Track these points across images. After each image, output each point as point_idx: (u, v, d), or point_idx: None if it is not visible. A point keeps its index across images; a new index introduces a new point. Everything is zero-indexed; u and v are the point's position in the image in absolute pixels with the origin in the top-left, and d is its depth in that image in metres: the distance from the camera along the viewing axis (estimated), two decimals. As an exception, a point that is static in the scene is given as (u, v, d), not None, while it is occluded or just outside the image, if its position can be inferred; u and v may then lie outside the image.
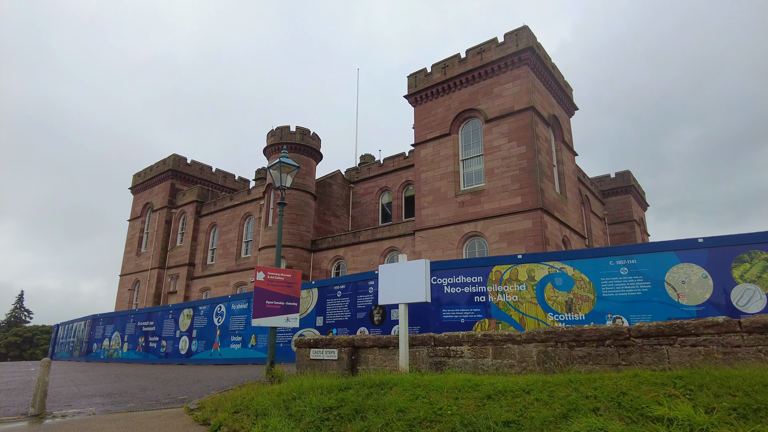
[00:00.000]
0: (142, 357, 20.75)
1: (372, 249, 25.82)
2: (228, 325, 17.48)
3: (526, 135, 21.16)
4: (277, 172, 9.20)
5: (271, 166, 9.24)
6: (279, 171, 9.00)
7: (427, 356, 7.28)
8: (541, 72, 23.14)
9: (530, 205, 20.16)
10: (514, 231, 20.19)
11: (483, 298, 11.90)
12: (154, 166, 39.94)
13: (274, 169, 9.29)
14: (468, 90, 23.69)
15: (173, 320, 19.94)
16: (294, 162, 9.18)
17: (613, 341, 5.95)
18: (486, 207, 21.29)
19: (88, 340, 24.87)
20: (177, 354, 19.13)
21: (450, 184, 22.87)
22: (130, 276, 39.08)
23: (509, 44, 22.74)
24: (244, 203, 32.48)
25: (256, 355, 16.13)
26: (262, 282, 8.25)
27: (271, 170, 9.26)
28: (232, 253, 31.97)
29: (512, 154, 21.26)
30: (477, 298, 12.02)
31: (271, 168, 9.27)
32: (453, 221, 22.12)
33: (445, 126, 23.87)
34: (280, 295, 8.42)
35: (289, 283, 8.64)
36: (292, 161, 9.17)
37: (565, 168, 24.33)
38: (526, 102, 21.66)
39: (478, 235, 21.40)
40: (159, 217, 37.66)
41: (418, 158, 24.55)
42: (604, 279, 10.56)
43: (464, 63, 24.04)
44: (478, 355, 6.85)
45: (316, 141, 30.12)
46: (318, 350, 8.10)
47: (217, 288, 31.92)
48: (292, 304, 8.56)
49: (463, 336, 7.04)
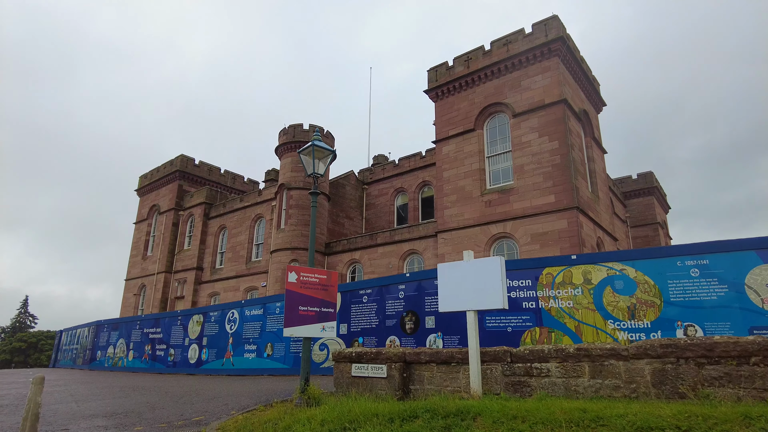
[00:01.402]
0: (149, 366, 19.45)
1: (390, 252, 24.47)
2: (241, 332, 16.17)
3: (559, 129, 19.82)
4: (308, 158, 7.91)
5: (302, 150, 7.94)
6: (312, 155, 7.70)
7: (502, 375, 5.93)
8: (570, 64, 21.83)
9: (565, 204, 18.78)
10: (547, 232, 18.80)
11: (533, 304, 10.57)
12: (161, 167, 38.81)
13: (305, 154, 7.99)
14: (493, 83, 22.40)
15: (182, 327, 18.65)
16: (328, 146, 7.88)
17: (763, 358, 4.59)
18: (516, 206, 19.92)
19: (91, 348, 23.61)
20: (186, 363, 17.82)
21: (475, 182, 21.52)
22: (135, 280, 37.87)
23: (538, 35, 21.46)
24: (254, 204, 31.22)
25: (273, 366, 14.80)
26: (294, 284, 6.93)
27: (302, 155, 7.96)
28: (242, 257, 30.68)
29: (543, 149, 19.91)
30: (526, 304, 10.69)
31: (303, 153, 7.97)
32: (479, 222, 20.76)
33: (469, 121, 22.56)
34: (315, 299, 7.10)
35: (325, 286, 7.32)
36: (326, 145, 7.87)
37: (596, 166, 22.95)
38: (557, 95, 20.33)
39: (507, 237, 20.02)
40: (166, 219, 36.48)
41: (440, 155, 23.24)
42: (672, 282, 9.18)
43: (489, 55, 22.76)
44: (570, 374, 5.49)
45: (329, 139, 28.86)
46: (362, 366, 6.77)
47: (226, 293, 30.62)
48: (328, 311, 7.24)
49: (550, 350, 5.68)
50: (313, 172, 7.73)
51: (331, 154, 7.93)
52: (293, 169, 27.47)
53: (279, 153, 28.72)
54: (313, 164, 7.70)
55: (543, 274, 10.79)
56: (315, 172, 7.74)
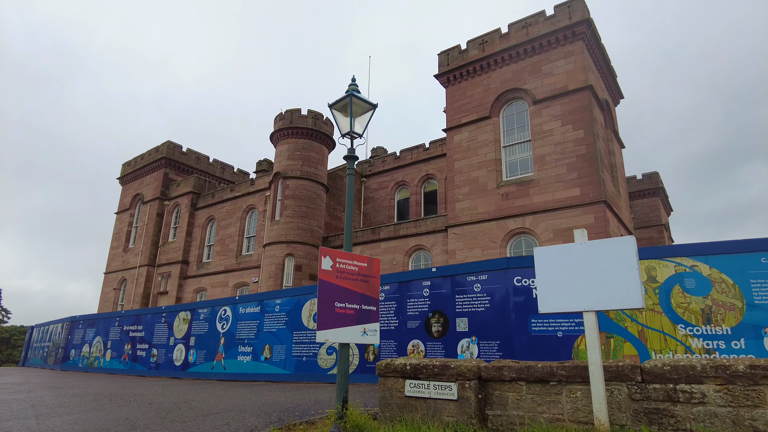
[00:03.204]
0: (128, 368, 17.47)
1: (395, 247, 22.76)
2: (234, 332, 14.32)
3: (584, 118, 18.33)
4: (342, 114, 6.16)
5: (335, 103, 6.17)
6: (349, 109, 5.95)
7: (629, 399, 4.27)
8: (593, 50, 20.37)
9: (591, 197, 17.28)
10: (571, 227, 17.25)
11: (587, 305, 8.92)
12: (145, 154, 36.51)
13: (339, 109, 6.22)
14: (511, 68, 20.83)
15: (167, 325, 16.71)
16: (367, 100, 6.14)
17: None
18: (536, 200, 18.36)
19: (65, 346, 21.45)
20: (170, 365, 15.90)
21: (490, 173, 19.92)
22: (115, 274, 35.53)
23: (560, 17, 19.95)
24: (246, 195, 29.21)
25: (271, 371, 12.99)
26: (328, 273, 5.18)
27: (333, 110, 6.19)
28: (232, 250, 28.64)
29: (567, 139, 18.40)
30: (578, 304, 9.03)
31: (334, 107, 6.20)
32: (495, 216, 19.17)
33: (484, 108, 20.96)
34: (354, 293, 5.37)
35: (365, 276, 5.59)
36: (365, 98, 6.13)
37: (616, 160, 21.54)
38: (582, 81, 18.84)
39: (526, 233, 18.45)
40: (150, 209, 34.23)
41: (451, 144, 21.60)
42: (755, 281, 7.66)
43: (506, 38, 21.20)
44: (742, 402, 3.86)
45: (329, 127, 27.06)
46: (420, 383, 5.05)
47: (214, 289, 28.57)
48: (369, 309, 5.51)
49: (705, 367, 4.03)
50: (350, 130, 5.99)
51: (371, 110, 6.20)
52: (290, 156, 25.59)
53: (274, 139, 26.81)
54: (350, 121, 5.95)
55: (599, 270, 9.15)
56: (351, 131, 6.00)
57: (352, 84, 6.23)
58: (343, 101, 6.11)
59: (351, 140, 6.06)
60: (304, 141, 25.80)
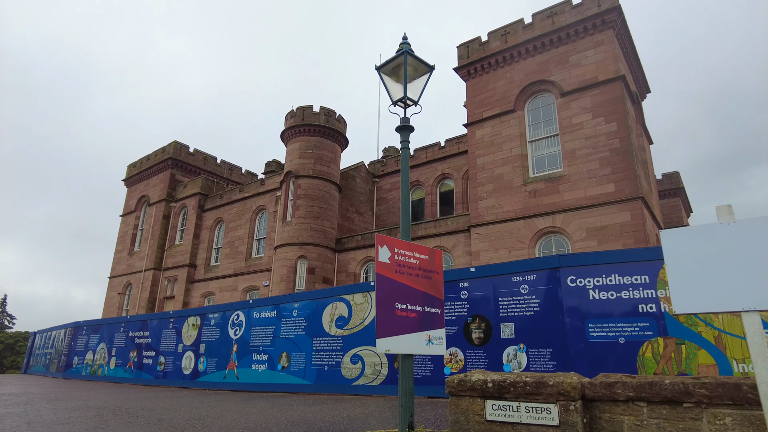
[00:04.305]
0: (134, 376, 16.43)
1: (413, 249, 21.66)
2: (248, 338, 13.25)
3: (617, 110, 17.24)
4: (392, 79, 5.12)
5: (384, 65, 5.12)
6: (403, 71, 4.91)
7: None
8: (623, 40, 19.31)
9: (627, 193, 16.17)
10: (606, 226, 16.16)
11: (652, 307, 7.91)
12: (151, 155, 35.61)
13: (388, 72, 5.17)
14: (536, 59, 19.79)
15: (174, 331, 15.68)
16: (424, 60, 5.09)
17: None
18: (567, 197, 17.26)
19: (67, 353, 20.44)
20: (179, 374, 14.86)
21: (516, 169, 18.84)
22: (120, 278, 34.57)
23: (588, 5, 18.92)
24: (256, 195, 28.19)
25: (290, 380, 11.90)
26: (386, 267, 4.13)
27: (382, 73, 5.14)
28: (242, 253, 27.60)
29: (599, 132, 17.31)
30: (642, 306, 8.01)
31: (383, 70, 5.14)
32: (522, 215, 18.06)
33: (508, 102, 19.91)
34: (416, 292, 4.32)
35: (427, 272, 4.53)
36: (421, 58, 5.08)
37: (647, 156, 20.44)
38: (613, 71, 17.78)
39: (556, 232, 17.34)
40: (156, 211, 33.29)
41: (473, 140, 20.54)
42: None
43: (530, 29, 20.18)
44: None
45: (342, 124, 26.07)
46: (507, 405, 3.98)
47: (222, 293, 27.52)
48: (433, 311, 4.45)
49: None
50: (404, 96, 4.94)
51: (427, 73, 5.16)
52: (302, 155, 24.59)
53: (285, 138, 25.84)
54: (405, 84, 4.90)
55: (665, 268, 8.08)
56: (406, 96, 4.95)
57: (403, 42, 5.19)
58: (394, 62, 5.06)
59: (405, 108, 5.01)
60: (316, 139, 24.81)
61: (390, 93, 5.06)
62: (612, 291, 8.31)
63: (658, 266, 8.04)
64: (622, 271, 8.37)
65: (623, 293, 8.23)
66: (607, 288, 8.37)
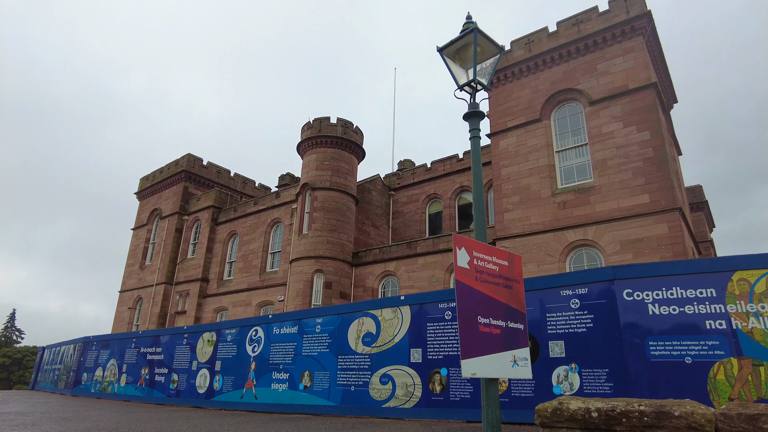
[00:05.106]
0: (145, 394, 15.69)
1: (433, 263, 20.91)
2: (267, 355, 12.48)
3: (649, 118, 16.55)
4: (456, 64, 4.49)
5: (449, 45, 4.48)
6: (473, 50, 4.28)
7: None
8: (652, 47, 18.70)
9: (663, 204, 15.37)
10: (641, 238, 15.34)
11: (722, 324, 7.09)
12: (164, 167, 35.33)
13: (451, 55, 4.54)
14: (561, 68, 19.22)
15: (189, 347, 14.96)
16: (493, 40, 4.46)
17: None
18: (598, 208, 16.49)
19: (77, 369, 19.76)
20: (193, 393, 14.09)
21: (543, 180, 18.13)
22: (131, 292, 34.02)
23: (616, 12, 18.37)
24: (271, 208, 27.65)
25: (313, 402, 11.09)
26: (466, 273, 3.44)
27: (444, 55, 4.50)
28: (256, 267, 26.95)
29: (631, 141, 16.60)
30: (710, 323, 7.19)
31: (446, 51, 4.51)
32: (550, 227, 17.30)
33: (533, 111, 19.29)
34: (499, 304, 3.62)
35: (507, 280, 3.83)
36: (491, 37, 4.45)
37: (678, 167, 19.66)
38: (644, 79, 17.13)
39: (588, 245, 16.53)
40: (168, 224, 32.85)
41: (497, 150, 19.89)
42: None
43: (555, 37, 19.65)
44: None
45: (359, 136, 25.59)
46: (621, 442, 3.23)
47: (235, 308, 26.82)
48: (516, 327, 3.74)
49: None
50: (473, 78, 4.30)
51: (496, 55, 4.52)
52: (319, 167, 24.07)
53: (301, 150, 25.37)
54: (474, 66, 4.27)
55: (734, 281, 7.35)
56: (476, 79, 4.31)
57: (468, 21, 4.57)
58: (458, 42, 4.43)
59: (473, 93, 4.37)
60: (333, 150, 24.31)
61: (455, 77, 4.43)
62: (674, 305, 7.51)
63: (725, 278, 7.27)
64: (685, 283, 7.58)
65: (687, 308, 7.44)
66: (668, 302, 7.58)
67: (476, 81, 4.32)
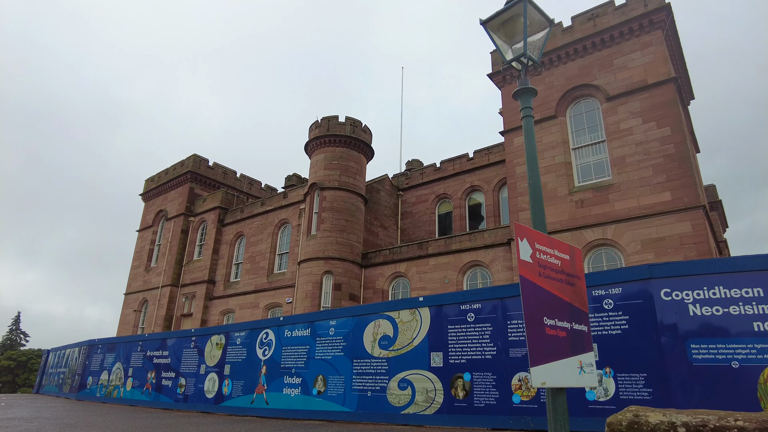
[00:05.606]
0: (152, 399, 15.28)
1: (446, 264, 20.43)
2: (279, 359, 12.05)
3: (670, 113, 16.05)
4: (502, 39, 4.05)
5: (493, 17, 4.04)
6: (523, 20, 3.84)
7: None
8: (670, 42, 18.21)
9: (686, 202, 14.86)
10: (664, 237, 14.82)
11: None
12: (170, 168, 35.01)
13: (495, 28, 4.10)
14: (577, 64, 18.75)
15: (196, 350, 14.55)
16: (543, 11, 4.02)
17: None
18: (618, 207, 15.98)
19: (81, 372, 19.38)
20: (201, 397, 13.68)
21: (560, 178, 17.64)
22: (136, 295, 33.68)
23: (634, 5, 17.90)
24: (278, 209, 27.24)
25: (327, 407, 10.63)
26: (529, 267, 3.00)
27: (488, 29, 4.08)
28: (263, 268, 26.54)
29: (651, 137, 16.10)
30: (759, 324, 6.74)
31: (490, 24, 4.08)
32: (568, 226, 16.80)
33: (549, 107, 18.81)
34: (563, 303, 3.17)
35: (570, 276, 3.38)
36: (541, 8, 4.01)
37: (697, 165, 19.12)
38: (664, 73, 16.63)
39: (607, 244, 16.03)
40: (174, 226, 32.50)
41: (511, 148, 19.42)
42: None
43: (570, 32, 19.18)
44: None
45: (367, 135, 25.17)
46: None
47: (242, 310, 26.40)
48: (581, 329, 3.28)
49: None
50: (524, 52, 3.86)
51: (546, 29, 4.08)
52: (327, 166, 23.65)
53: (309, 149, 24.98)
54: (524, 38, 3.83)
55: (783, 279, 6.89)
56: (526, 53, 3.87)
57: (517, -13, 4.12)
58: (504, 14, 4.01)
59: (524, 69, 3.93)
60: (342, 150, 23.90)
61: (502, 52, 4.00)
62: (717, 306, 7.03)
63: (775, 276, 6.78)
64: (728, 282, 7.10)
65: (731, 308, 6.96)
66: (711, 302, 7.09)
67: (528, 56, 3.87)
